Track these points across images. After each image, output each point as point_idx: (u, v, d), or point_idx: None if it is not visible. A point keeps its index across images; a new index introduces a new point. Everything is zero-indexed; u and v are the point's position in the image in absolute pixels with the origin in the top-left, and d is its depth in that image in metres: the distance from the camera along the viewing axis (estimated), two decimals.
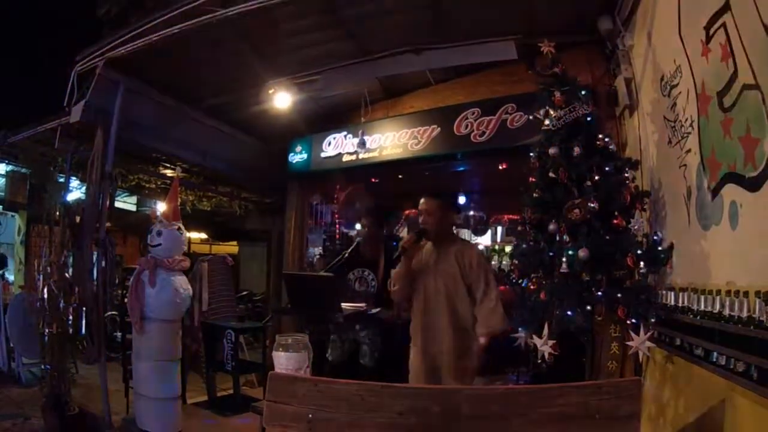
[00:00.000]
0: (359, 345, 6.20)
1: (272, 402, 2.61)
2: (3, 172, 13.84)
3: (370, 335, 6.17)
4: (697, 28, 3.72)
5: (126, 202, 17.33)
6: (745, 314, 2.95)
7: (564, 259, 4.27)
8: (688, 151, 4.09)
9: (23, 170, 13.15)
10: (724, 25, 3.32)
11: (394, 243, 9.86)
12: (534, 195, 4.72)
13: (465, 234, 14.15)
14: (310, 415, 2.51)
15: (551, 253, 4.43)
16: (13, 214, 14.06)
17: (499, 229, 15.11)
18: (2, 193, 13.84)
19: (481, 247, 14.70)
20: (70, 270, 6.73)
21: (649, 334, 4.01)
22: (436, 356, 4.92)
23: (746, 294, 3.00)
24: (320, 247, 11.95)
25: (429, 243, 5.15)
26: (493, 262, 13.81)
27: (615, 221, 4.25)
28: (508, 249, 13.76)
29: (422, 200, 5.10)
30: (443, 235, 5.10)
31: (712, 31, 3.52)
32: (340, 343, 6.20)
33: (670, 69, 4.46)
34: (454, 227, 5.40)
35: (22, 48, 13.49)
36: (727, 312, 3.17)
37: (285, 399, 2.60)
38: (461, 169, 9.64)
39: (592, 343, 4.47)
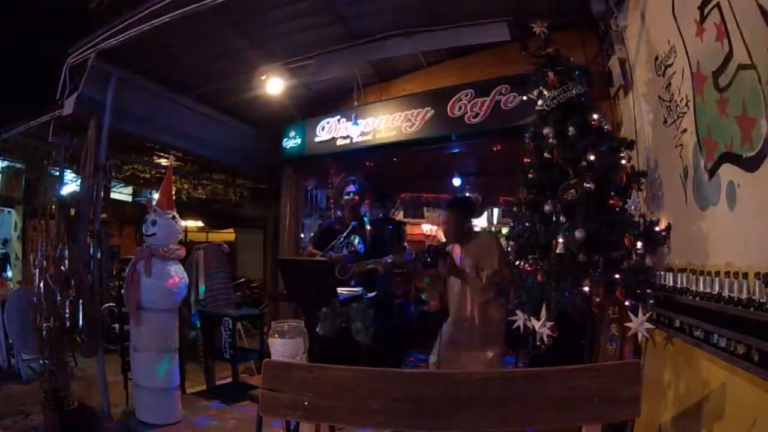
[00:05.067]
0: (351, 320, 6.19)
1: (268, 390, 2.59)
2: None
3: (363, 308, 6.15)
4: (692, 8, 3.69)
5: (121, 193, 17.33)
6: (744, 296, 2.94)
7: (560, 240, 4.26)
8: (684, 130, 4.07)
9: (18, 165, 13.12)
10: (718, 4, 3.29)
11: (390, 226, 9.80)
12: (529, 176, 4.71)
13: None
14: (306, 403, 2.50)
15: (547, 235, 4.42)
16: (10, 209, 14.01)
17: (495, 210, 15.13)
18: None
19: (477, 229, 14.73)
20: (67, 263, 6.70)
21: (647, 315, 4.00)
22: (462, 343, 5.41)
23: (745, 275, 2.98)
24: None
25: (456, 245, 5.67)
26: None
27: (611, 201, 4.23)
28: (504, 231, 13.78)
29: (442, 213, 5.62)
30: (464, 236, 5.58)
31: (706, 10, 3.49)
32: (332, 317, 6.18)
33: (664, 49, 4.43)
34: (472, 226, 5.98)
35: (13, 42, 13.39)
36: (726, 293, 3.15)
37: (280, 387, 2.58)
38: (456, 150, 9.63)
39: (591, 325, 4.47)
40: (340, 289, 5.67)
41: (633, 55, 5.58)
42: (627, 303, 4.14)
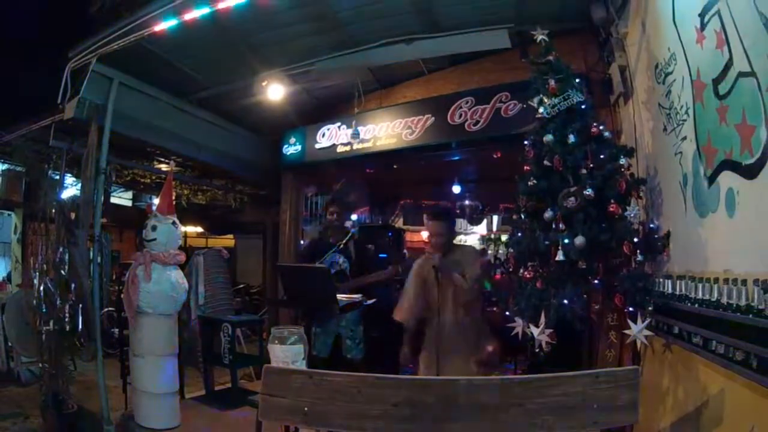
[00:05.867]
0: (342, 339, 6.19)
1: (267, 396, 2.60)
2: None
3: (351, 326, 6.16)
4: (692, 16, 3.70)
5: (121, 198, 17.34)
6: (743, 302, 2.94)
7: (560, 248, 4.26)
8: (684, 138, 4.08)
9: (18, 168, 13.12)
10: (718, 12, 3.30)
11: (389, 233, 9.76)
12: (529, 183, 4.72)
13: (460, 223, 14.25)
14: (306, 408, 2.51)
15: (547, 242, 4.43)
16: (10, 212, 14.02)
17: (495, 218, 15.12)
18: None
19: (476, 236, 14.81)
20: (66, 267, 6.70)
21: (647, 322, 4.01)
22: (448, 351, 5.20)
23: (744, 282, 2.98)
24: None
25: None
26: (489, 252, 13.98)
27: (611, 209, 4.23)
28: (504, 238, 13.83)
29: (430, 223, 5.53)
30: (448, 246, 5.45)
31: (706, 18, 3.50)
32: (324, 338, 6.18)
33: (664, 56, 4.45)
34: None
35: (14, 45, 13.41)
36: (725, 300, 3.15)
37: (280, 392, 2.59)
38: (456, 158, 9.64)
39: (590, 332, 4.47)
40: (339, 296, 5.68)
41: (633, 62, 5.60)
42: (626, 310, 4.15)
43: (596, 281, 4.24)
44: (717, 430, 3.31)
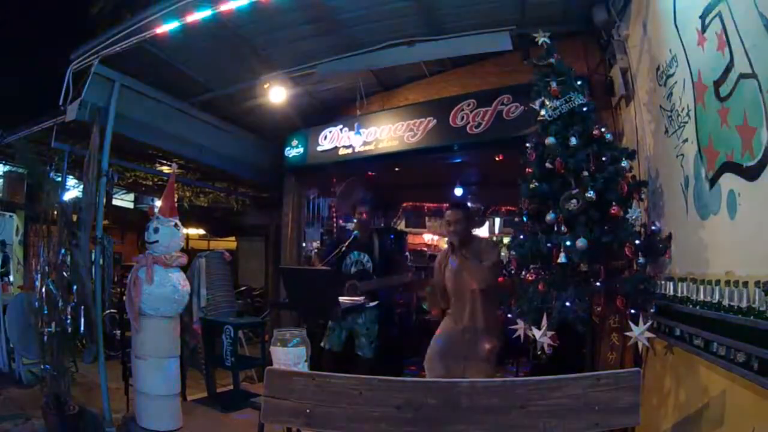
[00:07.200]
0: (356, 335, 6.21)
1: (270, 398, 2.60)
2: (0, 173, 13.81)
3: (368, 324, 6.18)
4: (693, 18, 3.71)
5: (123, 200, 17.36)
6: (744, 304, 2.94)
7: (562, 250, 4.26)
8: (685, 140, 4.08)
9: (20, 170, 13.13)
10: (719, 14, 3.31)
11: (391, 236, 9.75)
12: (531, 186, 4.71)
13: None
14: (308, 410, 2.50)
15: (549, 244, 4.42)
16: (11, 214, 14.00)
17: (497, 220, 15.13)
18: (0, 194, 13.82)
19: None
20: (68, 269, 6.70)
21: (648, 324, 4.01)
22: (464, 335, 5.55)
23: (745, 284, 2.99)
24: (318, 241, 11.93)
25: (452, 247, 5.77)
26: None
27: (612, 211, 4.23)
28: (506, 240, 13.81)
29: (449, 212, 5.76)
30: (466, 235, 5.72)
31: (707, 20, 3.51)
32: (339, 332, 6.21)
33: (665, 58, 4.45)
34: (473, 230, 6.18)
35: (16, 47, 13.41)
36: (726, 302, 3.16)
37: (282, 394, 2.58)
38: (458, 160, 9.66)
39: (592, 334, 4.47)
40: (342, 298, 5.68)
41: (635, 64, 5.60)
42: (628, 312, 4.15)
43: (598, 283, 4.23)
44: (718, 431, 3.31)
